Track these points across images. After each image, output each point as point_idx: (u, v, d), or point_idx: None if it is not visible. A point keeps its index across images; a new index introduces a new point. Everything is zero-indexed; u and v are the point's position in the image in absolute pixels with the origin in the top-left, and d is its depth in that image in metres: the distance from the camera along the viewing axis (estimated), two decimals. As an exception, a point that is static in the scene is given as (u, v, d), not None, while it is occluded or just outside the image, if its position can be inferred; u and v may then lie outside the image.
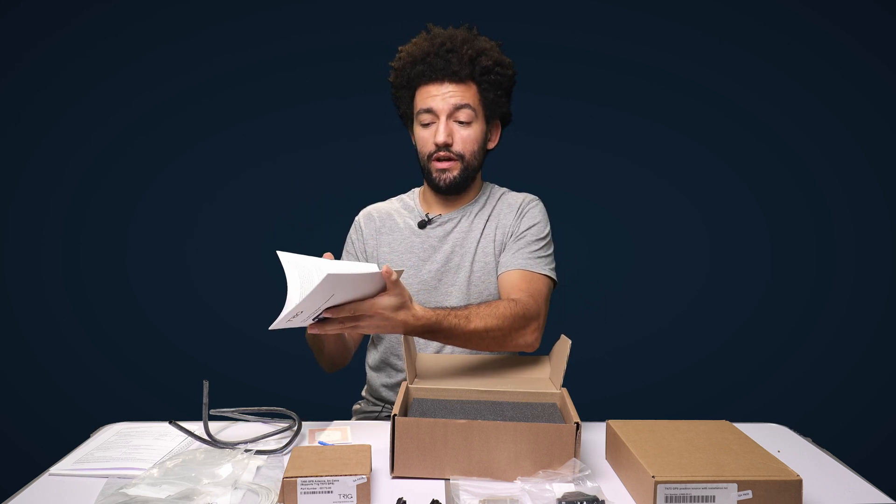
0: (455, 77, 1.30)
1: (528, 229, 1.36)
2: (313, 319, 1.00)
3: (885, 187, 2.11)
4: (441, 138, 1.30)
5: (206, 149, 2.15)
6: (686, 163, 2.17)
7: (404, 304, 1.05)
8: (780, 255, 2.17)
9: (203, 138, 2.15)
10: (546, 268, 1.34)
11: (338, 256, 1.47)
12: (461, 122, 1.31)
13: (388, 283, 1.01)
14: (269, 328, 0.95)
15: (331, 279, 0.87)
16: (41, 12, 2.05)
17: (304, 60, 2.13)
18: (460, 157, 1.33)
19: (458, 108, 1.30)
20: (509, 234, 1.37)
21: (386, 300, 1.02)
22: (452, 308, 1.18)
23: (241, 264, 2.15)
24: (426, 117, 1.32)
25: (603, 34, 2.13)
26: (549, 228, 1.39)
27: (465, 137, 1.32)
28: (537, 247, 1.35)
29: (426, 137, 1.33)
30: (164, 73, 2.11)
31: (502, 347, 1.23)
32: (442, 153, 1.32)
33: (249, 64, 2.13)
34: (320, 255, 1.05)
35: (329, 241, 1.50)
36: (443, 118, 1.31)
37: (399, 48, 1.37)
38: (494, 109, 1.36)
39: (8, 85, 2.05)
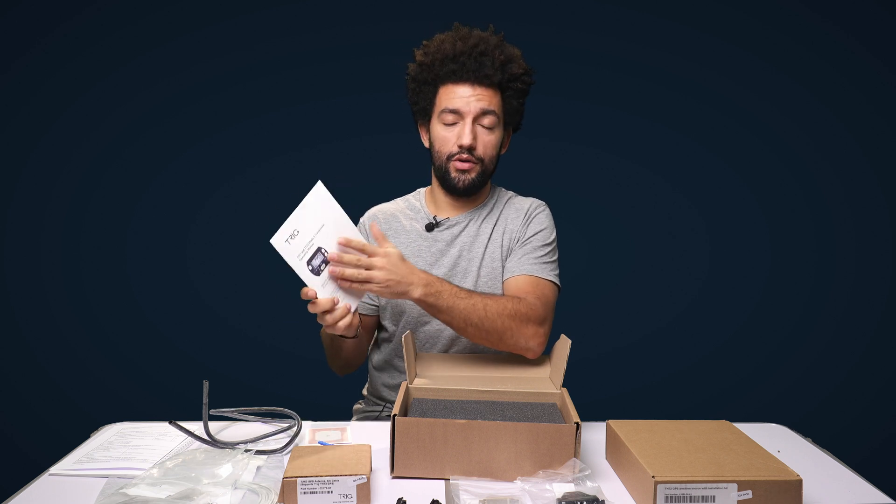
0: (486, 80, 1.28)
1: (534, 235, 1.36)
2: (311, 265, 1.06)
3: (885, 187, 2.11)
4: (467, 140, 1.28)
5: (205, 148, 2.15)
6: (686, 163, 2.17)
7: (405, 258, 1.13)
8: (780, 255, 2.17)
9: (203, 138, 2.15)
10: (551, 274, 1.33)
11: None
12: (484, 127, 1.30)
13: (378, 238, 1.13)
14: (270, 241, 1.03)
15: (319, 190, 1.07)
16: (40, 12, 2.04)
17: (304, 60, 2.13)
18: (480, 160, 1.31)
19: (484, 112, 1.29)
20: (516, 240, 1.37)
21: (390, 247, 1.11)
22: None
23: (241, 264, 2.15)
24: (450, 117, 1.30)
25: (603, 34, 2.13)
26: (555, 234, 1.39)
27: (488, 142, 1.31)
28: (543, 252, 1.35)
29: (448, 137, 1.31)
30: (163, 73, 2.11)
31: (501, 341, 1.21)
32: (464, 155, 1.30)
33: (249, 64, 2.13)
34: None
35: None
36: (468, 120, 1.29)
37: (424, 42, 1.35)
38: (513, 117, 1.35)
39: (7, 84, 2.05)
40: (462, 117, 1.29)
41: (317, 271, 1.06)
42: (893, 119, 2.08)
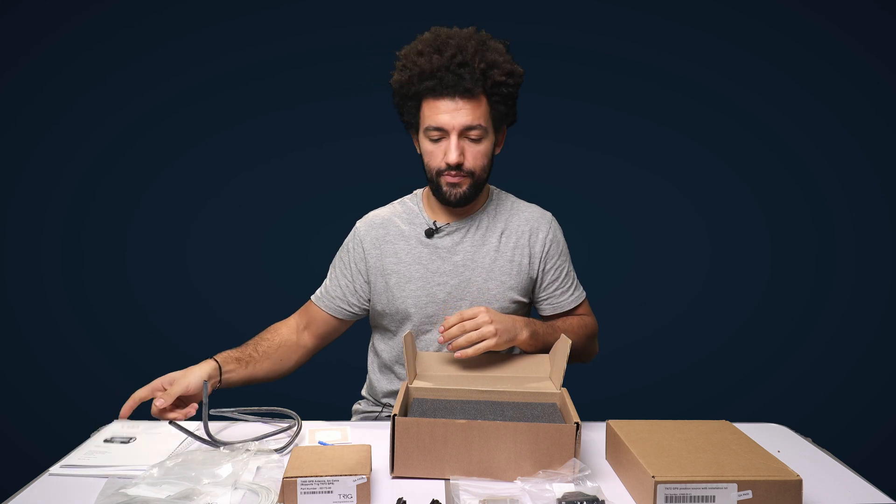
0: (467, 94, 1.22)
1: (559, 259, 1.39)
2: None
3: (885, 187, 2.11)
4: (453, 158, 1.24)
5: (205, 149, 2.15)
6: (686, 163, 2.17)
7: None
8: (780, 255, 2.17)
9: (203, 138, 2.15)
10: (580, 287, 1.45)
11: (329, 258, 1.46)
12: (472, 140, 1.25)
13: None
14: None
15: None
16: (40, 12, 2.05)
17: (304, 60, 2.13)
18: (471, 173, 1.27)
19: (470, 127, 1.24)
20: (539, 260, 1.37)
21: (471, 308, 1.21)
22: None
23: (241, 264, 2.15)
24: (435, 133, 1.25)
25: (603, 34, 2.13)
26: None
27: (477, 154, 1.26)
28: (571, 271, 1.43)
29: (435, 153, 1.27)
30: (163, 74, 2.11)
31: (580, 358, 1.43)
32: (453, 171, 1.26)
33: (249, 64, 2.13)
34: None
35: (328, 240, 1.50)
36: (454, 136, 1.23)
37: (399, 52, 1.29)
38: (503, 120, 1.31)
39: (8, 85, 2.05)
40: (447, 133, 1.24)
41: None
42: (893, 119, 2.08)
